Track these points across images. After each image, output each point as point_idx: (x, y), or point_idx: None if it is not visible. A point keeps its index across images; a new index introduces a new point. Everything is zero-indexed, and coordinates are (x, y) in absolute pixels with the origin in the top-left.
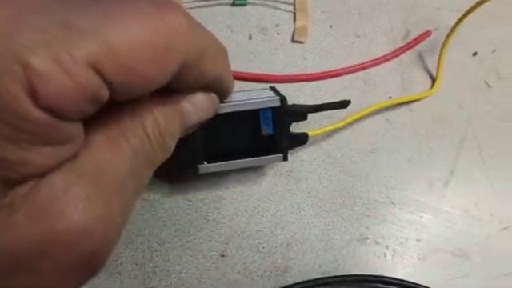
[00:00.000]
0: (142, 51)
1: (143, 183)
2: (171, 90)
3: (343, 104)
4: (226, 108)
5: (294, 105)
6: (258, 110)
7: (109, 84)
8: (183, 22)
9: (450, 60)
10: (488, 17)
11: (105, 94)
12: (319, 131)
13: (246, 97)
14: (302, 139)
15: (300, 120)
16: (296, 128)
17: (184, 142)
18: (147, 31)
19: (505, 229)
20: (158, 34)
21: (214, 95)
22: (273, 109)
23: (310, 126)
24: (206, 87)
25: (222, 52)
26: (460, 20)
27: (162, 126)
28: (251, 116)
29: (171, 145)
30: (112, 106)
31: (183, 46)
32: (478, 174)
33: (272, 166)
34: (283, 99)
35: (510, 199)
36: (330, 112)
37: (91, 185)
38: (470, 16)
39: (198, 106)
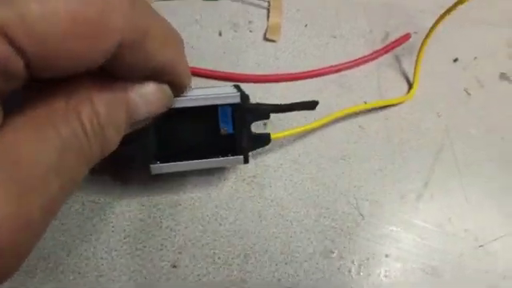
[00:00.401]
0: (66, 22)
1: (75, 179)
2: (116, 76)
3: (311, 105)
4: (182, 103)
5: (257, 103)
6: (217, 106)
7: (22, 54)
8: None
9: (430, 66)
10: (471, 23)
11: (18, 66)
12: (283, 134)
13: (204, 92)
14: (263, 140)
15: (262, 119)
16: (262, 130)
17: (134, 139)
18: (75, 1)
19: (480, 247)
20: (89, 5)
21: (166, 87)
22: (232, 106)
23: (280, 128)
24: (157, 77)
25: (174, 39)
26: (437, 22)
27: (102, 116)
28: (209, 113)
29: (114, 138)
30: (45, 91)
31: (120, 22)
32: (453, 188)
33: (234, 170)
34: (244, 96)
35: (486, 215)
36: (302, 114)
37: (1, 177)
38: (453, 21)
39: (147, 98)
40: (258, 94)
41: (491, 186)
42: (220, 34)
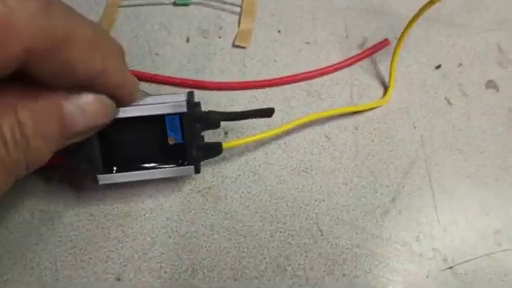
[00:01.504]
0: None
1: None
2: (45, 85)
3: (267, 112)
4: (126, 112)
5: (206, 112)
6: (163, 115)
7: None
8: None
9: (409, 73)
10: (457, 27)
11: None
12: (237, 142)
13: (151, 101)
14: (215, 149)
15: (213, 128)
16: (222, 139)
17: (79, 148)
18: None
19: (448, 268)
20: None
21: (105, 98)
22: (180, 114)
23: (244, 137)
24: (94, 87)
25: (106, 46)
26: (410, 24)
27: (26, 127)
28: (157, 122)
29: (43, 150)
30: None
31: (26, 27)
32: (424, 205)
33: (190, 181)
34: (193, 104)
35: (458, 236)
36: (266, 122)
37: None
38: (437, 26)
39: (83, 109)
40: (221, 102)
41: (466, 205)
42: (187, 41)
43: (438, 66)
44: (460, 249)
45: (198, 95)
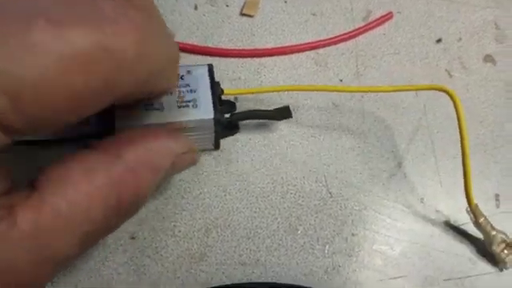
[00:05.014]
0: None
1: None
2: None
3: (286, 113)
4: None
5: (231, 115)
6: None
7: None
8: (129, 48)
9: (411, 45)
10: (456, 3)
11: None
12: (240, 91)
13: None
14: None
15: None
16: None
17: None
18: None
19: (451, 228)
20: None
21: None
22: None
23: None
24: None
25: (172, 64)
26: None
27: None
28: None
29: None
30: None
31: (125, 80)
32: (427, 170)
33: None
34: (219, 116)
35: (459, 200)
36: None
37: None
38: (438, 2)
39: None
40: (231, 69)
41: None
42: (195, 8)
43: (439, 40)
44: (462, 211)
45: (209, 61)
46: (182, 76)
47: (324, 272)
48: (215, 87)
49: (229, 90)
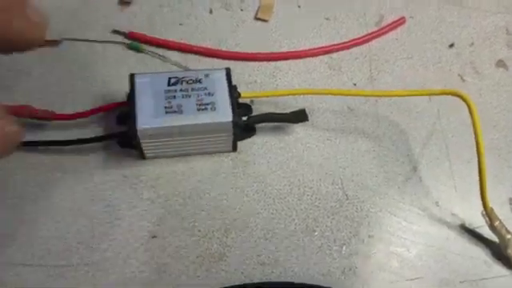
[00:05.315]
0: None
1: None
2: None
3: (302, 116)
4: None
5: (248, 118)
6: None
7: None
8: None
9: (424, 50)
10: (468, 9)
11: None
12: (256, 94)
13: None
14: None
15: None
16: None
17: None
18: None
19: (467, 231)
20: None
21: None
22: None
23: None
24: None
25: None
26: None
27: None
28: None
29: None
30: None
31: None
32: (442, 174)
33: None
34: (237, 119)
35: (474, 204)
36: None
37: None
38: (449, 7)
39: None
40: (246, 72)
41: None
42: (211, 12)
43: (451, 45)
44: (477, 214)
45: (224, 65)
46: (200, 79)
47: (341, 273)
48: (233, 90)
49: (246, 93)
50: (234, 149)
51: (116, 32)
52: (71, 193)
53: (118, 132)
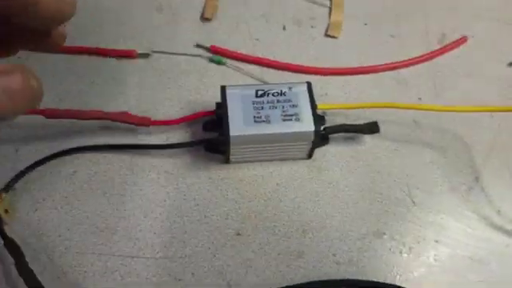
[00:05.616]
0: None
1: None
2: None
3: (374, 127)
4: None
5: (325, 128)
6: None
7: None
8: None
9: (482, 68)
10: None
11: None
12: (331, 106)
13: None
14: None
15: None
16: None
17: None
18: None
19: None
20: None
21: (34, 81)
22: None
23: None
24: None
25: None
26: None
27: None
28: None
29: None
30: None
31: None
32: (503, 183)
33: None
34: (318, 129)
35: None
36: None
37: None
38: (506, 27)
39: (11, 94)
40: (318, 85)
41: None
42: (284, 29)
43: (511, 64)
44: None
45: (298, 78)
46: (285, 92)
47: (410, 274)
48: (313, 102)
49: (321, 105)
50: (310, 156)
51: (199, 46)
52: (164, 192)
53: (213, 138)
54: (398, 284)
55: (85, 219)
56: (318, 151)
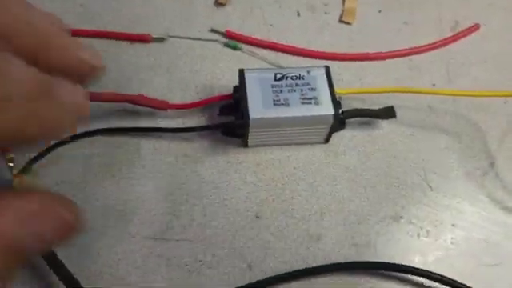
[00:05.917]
0: None
1: None
2: None
3: (391, 112)
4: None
5: (343, 113)
6: None
7: None
8: None
9: (494, 55)
10: None
11: None
12: (349, 91)
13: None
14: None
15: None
16: None
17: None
18: None
19: None
20: None
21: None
22: None
23: None
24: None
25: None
26: None
27: None
28: None
29: None
30: None
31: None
32: None
33: None
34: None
35: None
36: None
37: None
38: None
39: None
40: (333, 70)
41: None
42: (298, 15)
43: None
44: None
45: (313, 64)
46: (303, 76)
47: (427, 257)
48: (331, 87)
49: (340, 90)
50: (327, 141)
51: (214, 31)
52: (183, 175)
53: (232, 121)
54: (415, 266)
55: (98, 201)
56: (334, 136)
